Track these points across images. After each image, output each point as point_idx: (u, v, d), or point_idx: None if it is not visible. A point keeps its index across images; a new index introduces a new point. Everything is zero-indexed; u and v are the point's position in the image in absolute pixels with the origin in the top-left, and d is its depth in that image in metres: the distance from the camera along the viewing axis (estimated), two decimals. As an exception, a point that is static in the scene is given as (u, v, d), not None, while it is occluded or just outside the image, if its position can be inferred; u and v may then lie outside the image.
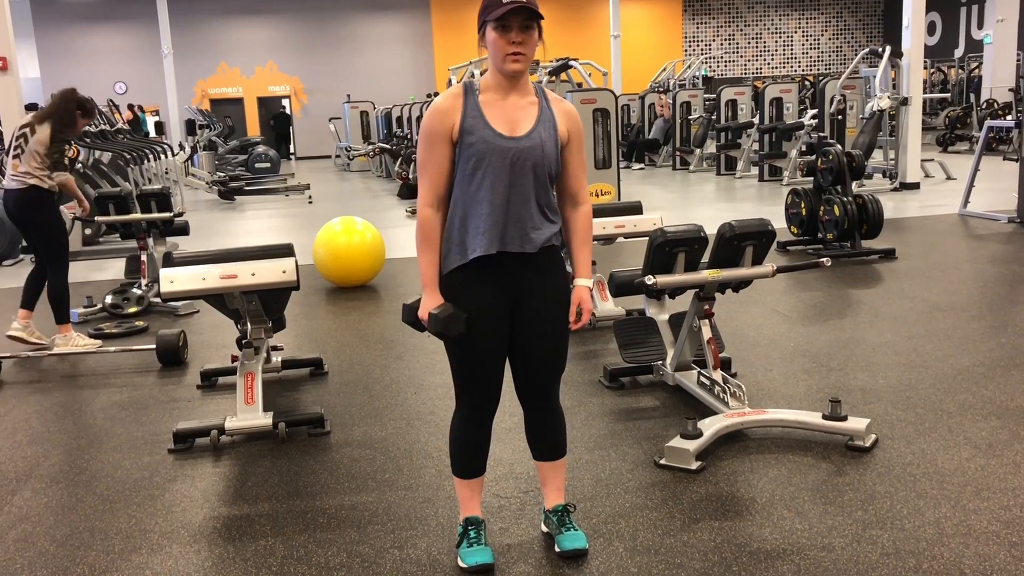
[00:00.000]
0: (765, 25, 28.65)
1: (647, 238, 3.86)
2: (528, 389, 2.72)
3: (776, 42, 28.83)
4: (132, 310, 6.40)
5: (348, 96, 23.32)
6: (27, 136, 5.49)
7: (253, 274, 3.77)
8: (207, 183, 16.07)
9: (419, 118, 15.49)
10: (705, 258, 3.90)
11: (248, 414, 3.90)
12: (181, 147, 16.62)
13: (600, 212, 5.50)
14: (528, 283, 2.58)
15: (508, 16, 2.40)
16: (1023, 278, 6.45)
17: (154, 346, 5.17)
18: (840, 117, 12.71)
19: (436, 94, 16.48)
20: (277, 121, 26.92)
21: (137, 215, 6.77)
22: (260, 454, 3.75)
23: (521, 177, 2.50)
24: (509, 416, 3.85)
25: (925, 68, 19.74)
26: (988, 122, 10.90)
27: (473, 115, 2.50)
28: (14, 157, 5.53)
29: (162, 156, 12.92)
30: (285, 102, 27.18)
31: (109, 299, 6.47)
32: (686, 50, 27.95)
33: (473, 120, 2.50)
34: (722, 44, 28.48)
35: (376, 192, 15.39)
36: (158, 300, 6.48)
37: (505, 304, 2.58)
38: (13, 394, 4.79)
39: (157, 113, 24.06)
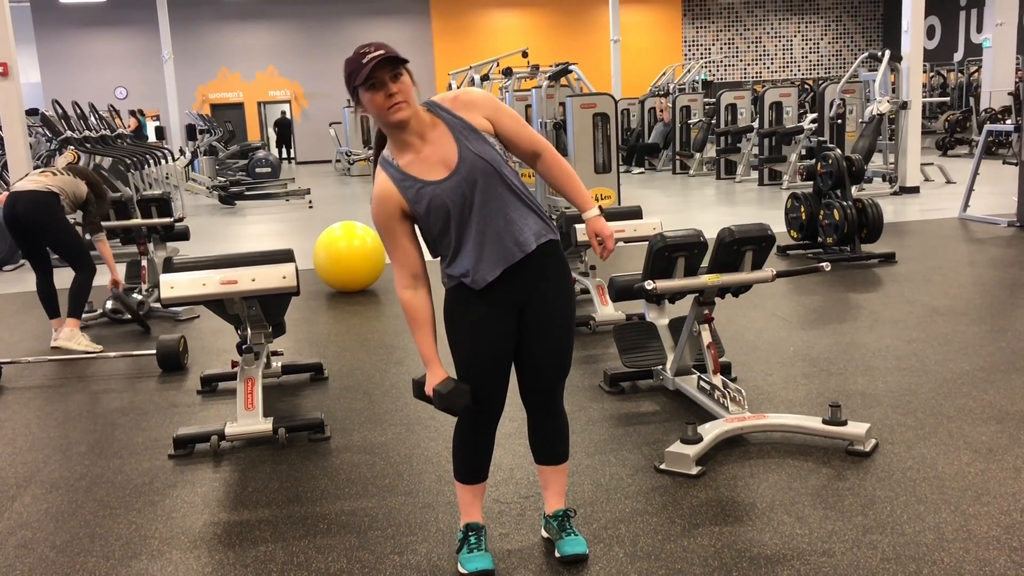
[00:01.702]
0: (765, 29, 28.68)
1: (647, 243, 3.86)
2: (533, 392, 2.72)
3: (776, 46, 28.86)
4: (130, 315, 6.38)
5: (348, 101, 23.30)
6: (55, 173, 5.63)
7: (253, 279, 3.77)
8: (207, 188, 16.09)
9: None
10: (705, 263, 3.90)
11: (248, 419, 3.90)
12: (182, 152, 16.65)
13: (600, 217, 5.50)
14: (533, 286, 2.58)
15: (371, 75, 2.36)
16: (1023, 282, 6.45)
17: (154, 351, 5.17)
18: (840, 121, 12.71)
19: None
20: (278, 125, 26.95)
21: (137, 220, 6.79)
22: (260, 459, 3.75)
23: (484, 196, 2.46)
24: (510, 421, 3.85)
25: (924, 72, 19.77)
26: (987, 126, 10.91)
27: (408, 184, 2.46)
28: (41, 173, 5.61)
29: (162, 161, 12.93)
30: (285, 107, 27.22)
31: (109, 304, 6.47)
32: (686, 54, 27.98)
33: (411, 188, 2.46)
34: (722, 48, 28.51)
35: (376, 197, 15.36)
36: (158, 305, 6.49)
37: (511, 309, 2.58)
38: (13, 400, 4.79)
39: (158, 118, 24.07)
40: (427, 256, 2.59)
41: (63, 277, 5.96)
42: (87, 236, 5.72)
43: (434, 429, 3.99)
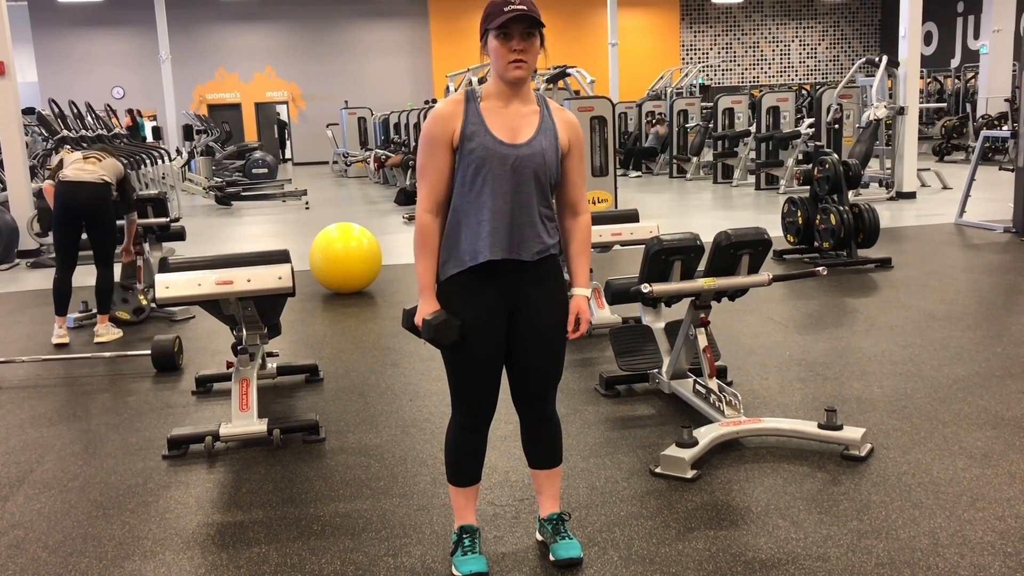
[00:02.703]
0: (762, 34, 28.74)
1: (643, 246, 3.86)
2: (524, 397, 2.71)
3: (773, 51, 28.92)
4: (122, 315, 6.35)
5: (346, 102, 23.36)
6: (100, 158, 5.84)
7: (249, 280, 3.76)
8: (204, 188, 16.07)
9: (416, 125, 15.51)
10: (701, 266, 3.90)
11: (243, 420, 3.89)
12: (178, 152, 16.62)
13: (597, 220, 5.50)
14: (525, 291, 2.58)
15: (510, 24, 2.41)
16: (1019, 288, 6.46)
17: (149, 352, 5.16)
18: (837, 126, 12.74)
19: (434, 101, 16.52)
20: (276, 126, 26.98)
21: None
22: (255, 461, 3.74)
23: (522, 184, 2.50)
24: (504, 424, 3.85)
25: (921, 78, 19.82)
26: (984, 132, 10.94)
27: (474, 121, 2.50)
28: (86, 159, 5.74)
29: (159, 161, 12.91)
30: (281, 108, 27.21)
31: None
32: (683, 58, 28.03)
33: (474, 126, 2.50)
34: (719, 53, 28.57)
35: (373, 198, 15.39)
36: (154, 305, 6.47)
37: (502, 312, 2.58)
38: (7, 399, 4.77)
39: (155, 118, 24.07)
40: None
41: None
42: (123, 215, 6.01)
43: (429, 431, 3.98)
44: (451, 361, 2.62)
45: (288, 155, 27.48)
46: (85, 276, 6.53)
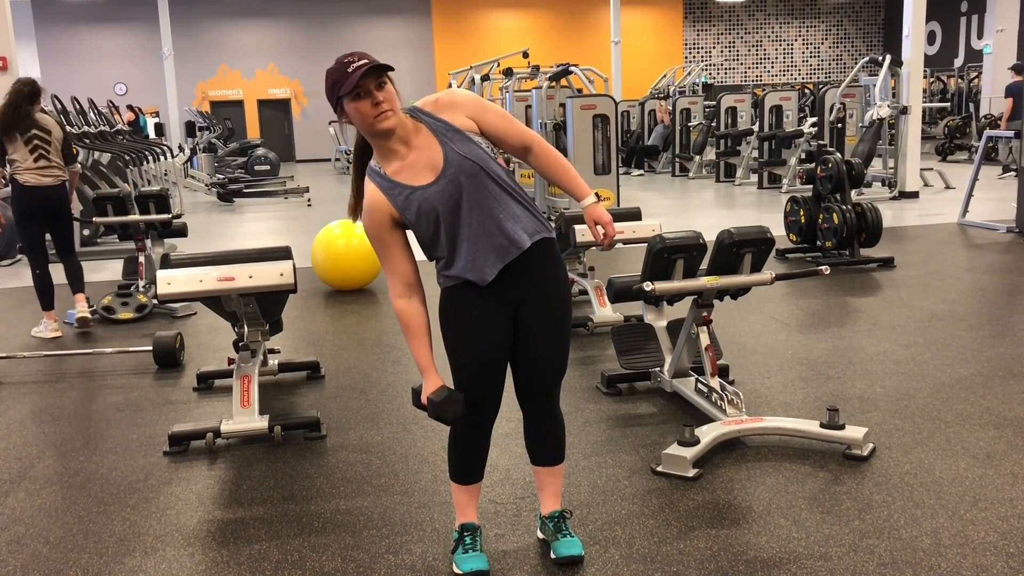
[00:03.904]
0: (765, 33, 28.71)
1: (646, 244, 3.85)
2: (529, 392, 2.70)
3: (776, 50, 28.89)
4: (124, 316, 6.36)
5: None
6: (46, 139, 5.90)
7: (250, 277, 3.76)
8: (206, 185, 16.07)
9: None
10: (704, 265, 3.89)
11: (244, 417, 3.89)
12: (181, 149, 16.63)
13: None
14: (528, 287, 2.57)
15: (357, 84, 2.33)
16: (1022, 288, 6.45)
17: (151, 348, 5.16)
18: (840, 125, 12.72)
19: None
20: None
21: (135, 216, 6.76)
22: (256, 457, 3.74)
23: (473, 196, 2.44)
24: (506, 421, 3.84)
25: (925, 77, 19.78)
26: (987, 132, 10.92)
27: (396, 191, 2.45)
28: (40, 158, 5.87)
29: (161, 158, 12.91)
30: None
31: (106, 300, 6.45)
32: (686, 57, 28.00)
33: (400, 195, 2.44)
34: (722, 51, 28.53)
35: (375, 196, 15.35)
36: (155, 301, 6.48)
37: (507, 310, 2.57)
38: (8, 394, 4.77)
39: (157, 115, 24.06)
40: (420, 256, 2.58)
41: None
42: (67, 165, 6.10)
43: (430, 429, 3.97)
44: (455, 359, 2.61)
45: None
46: (88, 272, 6.54)
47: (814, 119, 13.36)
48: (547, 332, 2.61)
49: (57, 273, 6.11)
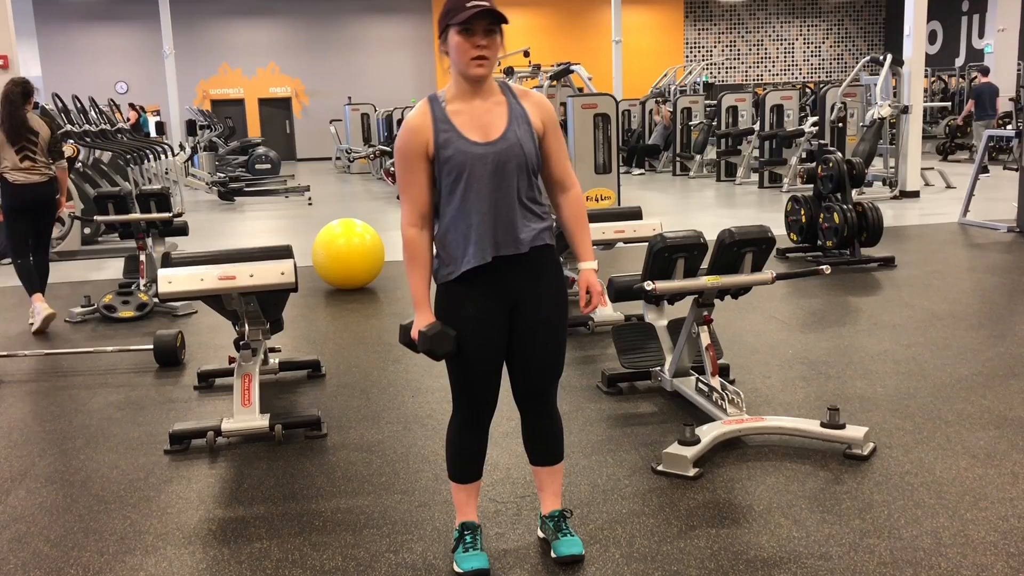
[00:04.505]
0: (767, 32, 28.69)
1: (646, 243, 3.85)
2: (526, 393, 2.71)
3: (777, 49, 28.87)
4: (125, 314, 6.36)
5: (349, 98, 23.35)
6: (33, 140, 6.08)
7: (251, 275, 3.76)
8: (207, 184, 16.07)
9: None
10: (705, 264, 3.89)
11: (245, 416, 3.89)
12: (181, 147, 16.62)
13: (600, 217, 5.50)
14: (524, 286, 2.57)
15: (472, 20, 2.38)
16: (1022, 288, 6.45)
17: (151, 346, 5.16)
18: (840, 125, 12.71)
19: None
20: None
21: (136, 215, 6.77)
22: (256, 456, 3.74)
23: (504, 180, 2.48)
24: (506, 420, 3.85)
25: (926, 77, 19.77)
26: (988, 131, 10.91)
27: (444, 128, 2.47)
28: (26, 158, 6.07)
29: (162, 156, 12.91)
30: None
31: (107, 299, 6.45)
32: (687, 56, 27.98)
33: (446, 133, 2.47)
34: (723, 50, 28.52)
35: (376, 194, 15.38)
36: (155, 300, 6.48)
37: (502, 309, 2.58)
38: (9, 393, 4.78)
39: (158, 113, 24.05)
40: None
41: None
42: (53, 163, 6.26)
43: (431, 428, 3.98)
44: (452, 359, 2.62)
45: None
46: (89, 271, 6.55)
47: (815, 118, 13.35)
48: (543, 332, 2.62)
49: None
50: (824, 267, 3.88)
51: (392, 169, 16.81)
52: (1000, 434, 3.68)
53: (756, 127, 14.87)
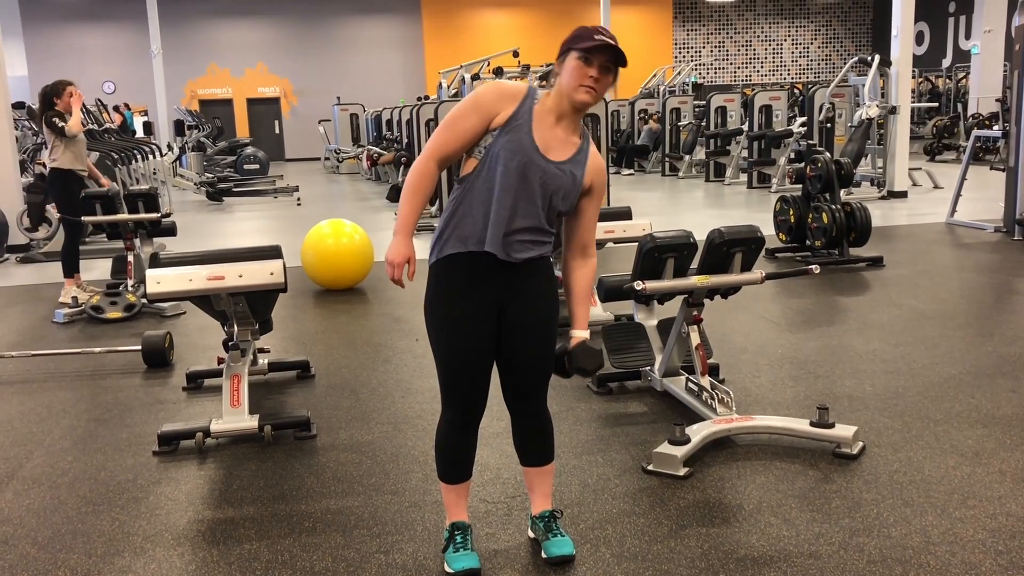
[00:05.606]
0: (755, 33, 28.79)
1: (636, 243, 3.86)
2: (516, 394, 2.71)
3: (766, 50, 28.97)
4: (113, 315, 6.33)
5: (338, 98, 23.30)
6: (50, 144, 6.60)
7: (240, 276, 3.74)
8: (195, 184, 16.01)
9: (409, 122, 15.46)
10: (694, 264, 3.90)
11: (234, 416, 3.87)
12: (169, 147, 16.56)
13: (589, 217, 5.49)
14: (515, 286, 2.58)
15: (595, 51, 2.44)
16: (1009, 287, 6.49)
17: (139, 347, 5.13)
18: (829, 125, 12.77)
19: (427, 97, 16.47)
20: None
21: (124, 215, 6.73)
22: (245, 457, 3.72)
23: (537, 195, 2.50)
24: (496, 420, 3.84)
25: (913, 78, 19.88)
26: (975, 132, 10.97)
27: (523, 117, 2.51)
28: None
29: (150, 156, 12.85)
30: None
31: (95, 300, 6.41)
32: (676, 56, 28.04)
33: (521, 121, 2.50)
34: (712, 51, 28.60)
35: (365, 195, 15.36)
36: (144, 301, 6.45)
37: (491, 308, 2.58)
38: (-4, 394, 4.74)
39: (145, 113, 23.95)
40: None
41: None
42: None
43: (421, 428, 3.97)
44: (441, 357, 2.62)
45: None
46: (84, 271, 6.53)
47: (803, 119, 13.40)
48: (532, 330, 2.62)
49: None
50: (813, 267, 3.89)
51: (375, 155, 16.80)
52: (988, 432, 3.70)
53: (745, 127, 14.91)
